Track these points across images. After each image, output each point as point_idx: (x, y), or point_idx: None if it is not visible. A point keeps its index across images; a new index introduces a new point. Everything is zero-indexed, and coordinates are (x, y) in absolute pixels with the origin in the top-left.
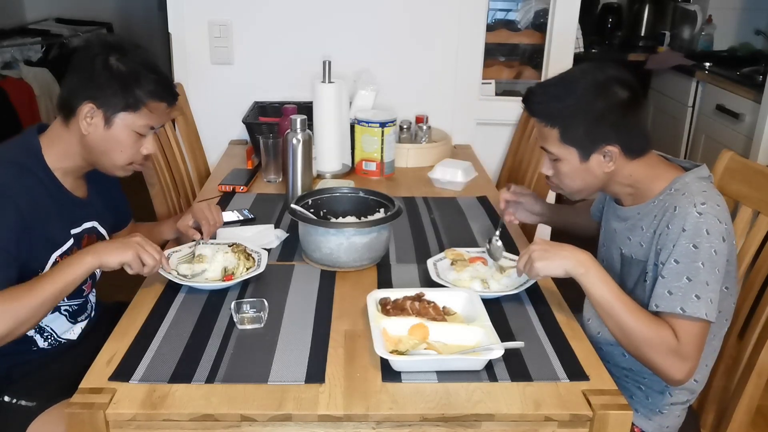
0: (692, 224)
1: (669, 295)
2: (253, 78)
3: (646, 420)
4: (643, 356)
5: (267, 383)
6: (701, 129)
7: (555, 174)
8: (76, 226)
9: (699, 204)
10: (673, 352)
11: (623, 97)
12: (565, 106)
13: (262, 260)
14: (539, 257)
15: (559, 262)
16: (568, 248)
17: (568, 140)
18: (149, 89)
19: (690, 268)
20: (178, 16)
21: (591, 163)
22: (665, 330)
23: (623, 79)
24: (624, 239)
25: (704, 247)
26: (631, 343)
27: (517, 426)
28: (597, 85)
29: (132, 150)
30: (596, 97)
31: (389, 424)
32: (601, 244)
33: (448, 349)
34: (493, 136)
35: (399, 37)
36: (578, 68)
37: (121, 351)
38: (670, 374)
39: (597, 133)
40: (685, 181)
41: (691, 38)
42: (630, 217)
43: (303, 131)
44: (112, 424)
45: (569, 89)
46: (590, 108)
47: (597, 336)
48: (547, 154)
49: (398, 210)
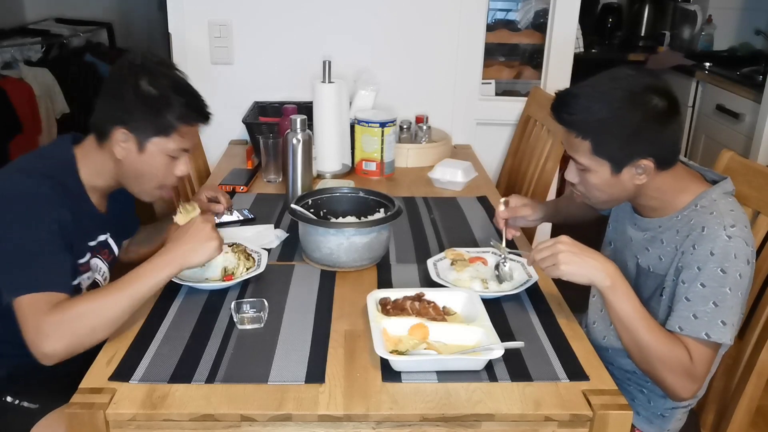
0: (721, 248)
1: (694, 319)
2: (253, 78)
3: (648, 423)
4: (654, 372)
5: (267, 383)
6: (701, 129)
7: (581, 183)
8: (92, 239)
9: (729, 227)
10: (686, 373)
11: (661, 108)
12: (600, 119)
13: (262, 260)
14: (567, 260)
15: (587, 270)
16: (598, 257)
17: (601, 153)
18: (179, 113)
19: (717, 293)
20: (178, 16)
21: (623, 176)
22: (681, 350)
23: (658, 87)
24: (641, 249)
25: (731, 272)
26: (644, 359)
27: (517, 426)
28: (633, 96)
29: (165, 172)
30: (633, 109)
31: (389, 424)
32: (608, 243)
33: (448, 349)
34: (493, 136)
35: (399, 37)
36: (610, 75)
37: (121, 351)
38: (677, 392)
39: (632, 148)
40: (712, 198)
41: (691, 38)
42: (650, 229)
43: (303, 131)
44: (112, 424)
45: (604, 100)
46: (626, 121)
47: (602, 341)
48: (575, 164)
49: (398, 210)
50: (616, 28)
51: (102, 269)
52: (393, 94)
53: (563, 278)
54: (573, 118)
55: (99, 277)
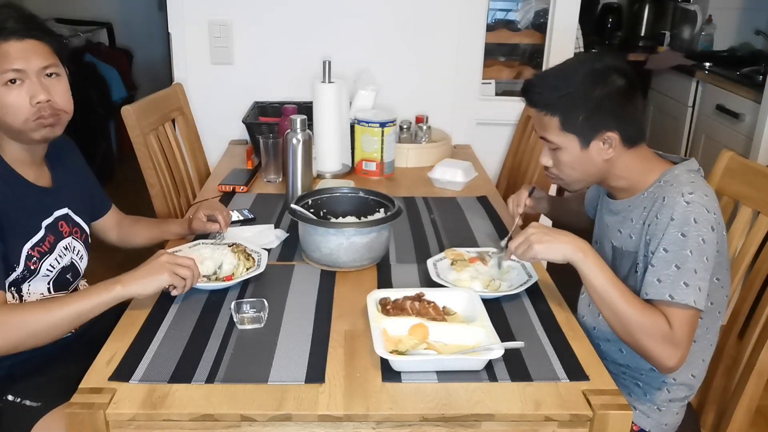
0: (680, 213)
1: (658, 282)
2: (253, 78)
3: (645, 417)
4: (637, 343)
5: (267, 383)
6: (701, 129)
7: (555, 164)
8: (47, 215)
9: (687, 194)
10: (667, 339)
11: (621, 85)
12: (565, 95)
13: (262, 260)
14: (538, 240)
15: (558, 246)
16: (567, 234)
17: (568, 128)
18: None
19: (678, 256)
20: (178, 16)
21: (591, 150)
22: (659, 317)
23: (620, 67)
24: (615, 232)
25: (692, 235)
26: (626, 330)
27: (517, 426)
28: (595, 73)
29: (17, 104)
30: (595, 84)
31: (389, 424)
32: (594, 241)
33: (448, 349)
34: (493, 136)
35: (399, 37)
36: (575, 58)
37: (121, 351)
38: (662, 361)
39: (597, 120)
40: (675, 173)
41: (691, 38)
42: (621, 210)
43: (303, 131)
44: (112, 424)
45: (568, 78)
46: (590, 95)
47: (593, 332)
48: (546, 144)
49: (398, 210)
50: (616, 28)
51: (77, 249)
52: (393, 94)
53: (539, 257)
54: (542, 96)
55: (75, 257)
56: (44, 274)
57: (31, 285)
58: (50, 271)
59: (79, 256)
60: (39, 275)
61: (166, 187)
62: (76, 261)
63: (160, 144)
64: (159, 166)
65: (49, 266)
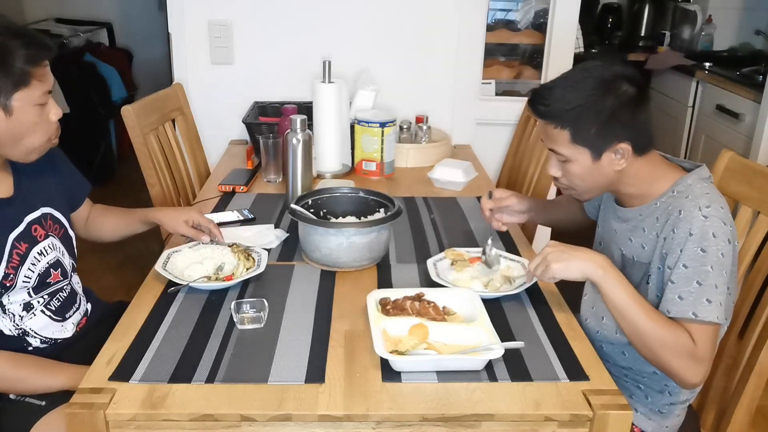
0: (698, 228)
1: (680, 300)
2: (253, 78)
3: (646, 419)
4: (659, 359)
5: (267, 383)
6: (701, 129)
7: (564, 175)
8: (13, 227)
9: (704, 207)
10: (691, 356)
11: (632, 94)
12: (575, 107)
13: (262, 260)
14: (556, 259)
15: (576, 264)
16: (585, 250)
17: (579, 141)
18: (26, 56)
19: (699, 272)
20: (178, 16)
21: (603, 162)
22: (682, 333)
23: (629, 75)
24: (625, 240)
25: (712, 250)
26: (647, 346)
27: (517, 426)
28: (604, 83)
29: (43, 124)
30: (605, 95)
31: (389, 424)
32: (598, 243)
33: (448, 349)
34: (493, 136)
35: (399, 37)
36: (581, 67)
37: (121, 351)
38: (686, 377)
39: (609, 132)
40: (688, 183)
41: (691, 38)
42: (632, 219)
43: (303, 131)
44: (112, 424)
45: (577, 89)
46: (601, 107)
47: (596, 335)
48: (555, 156)
49: (398, 210)
50: (616, 28)
51: (58, 246)
52: (393, 94)
53: (558, 277)
54: (550, 109)
55: (59, 254)
56: (21, 286)
57: (11, 296)
58: (27, 281)
59: (61, 253)
60: (17, 288)
61: (166, 187)
62: (61, 259)
63: (160, 144)
64: (159, 166)
65: (24, 277)
